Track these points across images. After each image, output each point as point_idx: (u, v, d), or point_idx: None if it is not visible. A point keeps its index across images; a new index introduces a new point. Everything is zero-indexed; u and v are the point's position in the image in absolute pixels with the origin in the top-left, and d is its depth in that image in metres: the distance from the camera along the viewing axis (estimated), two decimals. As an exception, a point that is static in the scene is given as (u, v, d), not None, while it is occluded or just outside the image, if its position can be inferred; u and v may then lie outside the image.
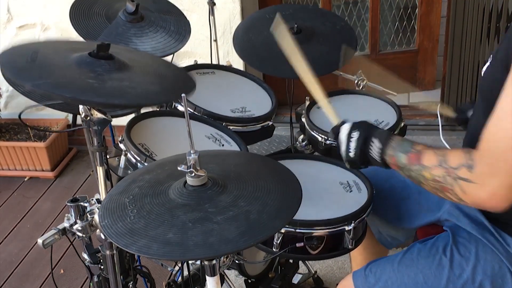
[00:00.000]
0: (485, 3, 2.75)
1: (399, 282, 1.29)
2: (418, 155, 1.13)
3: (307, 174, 1.53)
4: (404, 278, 1.29)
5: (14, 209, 2.96)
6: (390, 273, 1.32)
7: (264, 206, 1.01)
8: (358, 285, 1.33)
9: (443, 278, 1.27)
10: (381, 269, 1.33)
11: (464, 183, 1.03)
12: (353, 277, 1.36)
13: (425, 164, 1.10)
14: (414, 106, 2.06)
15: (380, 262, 1.36)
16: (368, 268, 1.35)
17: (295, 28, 1.72)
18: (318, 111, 1.78)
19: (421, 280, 1.28)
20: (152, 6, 1.78)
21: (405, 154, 1.15)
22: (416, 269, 1.30)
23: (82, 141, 3.31)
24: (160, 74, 1.31)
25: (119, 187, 1.11)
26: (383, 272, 1.32)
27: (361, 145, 1.23)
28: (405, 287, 1.28)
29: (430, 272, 1.28)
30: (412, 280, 1.28)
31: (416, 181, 1.13)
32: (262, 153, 2.90)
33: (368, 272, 1.34)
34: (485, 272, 1.25)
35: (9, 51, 1.19)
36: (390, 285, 1.30)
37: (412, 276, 1.29)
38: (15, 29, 3.17)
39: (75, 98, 1.09)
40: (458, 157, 1.05)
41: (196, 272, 1.66)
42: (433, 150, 1.11)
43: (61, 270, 2.48)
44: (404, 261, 1.32)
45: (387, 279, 1.31)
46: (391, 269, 1.32)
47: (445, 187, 1.07)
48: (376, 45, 3.35)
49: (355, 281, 1.34)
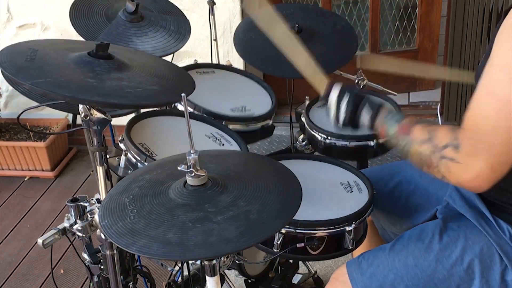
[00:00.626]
0: (485, 3, 2.75)
1: (391, 266, 1.31)
2: (408, 127, 1.15)
3: (307, 174, 1.53)
4: (395, 262, 1.31)
5: (14, 209, 2.96)
6: (381, 258, 1.33)
7: (264, 206, 1.01)
8: (351, 271, 1.35)
9: (433, 259, 1.28)
10: (374, 255, 1.35)
11: (450, 162, 1.05)
12: (347, 265, 1.37)
13: (414, 138, 1.13)
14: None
15: (373, 250, 1.38)
16: (362, 256, 1.37)
17: (296, 28, 1.72)
18: (318, 111, 1.78)
19: (411, 263, 1.29)
20: (152, 5, 1.78)
21: (396, 124, 1.18)
22: (406, 252, 1.31)
23: (82, 141, 3.31)
24: (159, 74, 1.31)
25: (119, 187, 1.11)
26: (375, 257, 1.34)
27: (352, 108, 1.25)
28: (396, 271, 1.30)
29: (420, 254, 1.30)
30: (403, 263, 1.30)
31: (403, 152, 1.16)
32: (262, 153, 2.90)
33: (361, 259, 1.36)
34: (473, 252, 1.26)
35: (8, 50, 1.19)
36: (382, 268, 1.31)
37: (402, 260, 1.31)
38: (15, 29, 3.17)
39: (74, 97, 1.09)
40: (445, 135, 1.07)
41: (196, 272, 1.65)
42: (423, 125, 1.13)
43: (61, 270, 2.47)
44: (395, 247, 1.34)
45: (379, 264, 1.32)
46: (382, 255, 1.34)
47: (430, 164, 1.09)
48: (376, 45, 3.35)
49: (348, 268, 1.36)
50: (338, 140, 1.63)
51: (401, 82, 3.41)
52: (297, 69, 1.46)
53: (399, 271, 1.30)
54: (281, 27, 1.48)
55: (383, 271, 1.31)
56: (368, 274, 1.32)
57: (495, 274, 1.25)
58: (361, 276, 1.32)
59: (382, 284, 1.30)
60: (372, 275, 1.31)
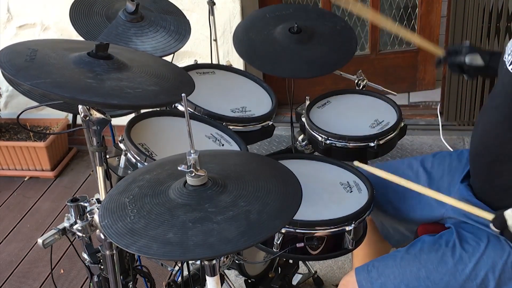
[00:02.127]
0: (485, 3, 2.75)
1: (402, 277, 1.30)
2: None
3: (307, 174, 1.53)
4: (407, 272, 1.30)
5: (14, 209, 2.96)
6: (392, 267, 1.32)
7: (264, 206, 1.01)
8: (360, 279, 1.33)
9: (446, 273, 1.27)
10: (384, 264, 1.34)
11: None
12: (356, 272, 1.36)
13: None
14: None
15: (383, 258, 1.37)
16: (371, 264, 1.36)
17: (295, 28, 1.72)
18: (318, 111, 1.78)
19: (424, 275, 1.28)
20: (152, 5, 1.78)
21: None
22: (418, 264, 1.30)
23: (82, 141, 3.31)
24: (159, 74, 1.31)
25: (119, 187, 1.11)
26: (385, 267, 1.33)
27: None
28: (407, 281, 1.29)
29: (433, 267, 1.29)
30: (414, 275, 1.29)
31: None
32: (262, 153, 2.90)
33: (371, 267, 1.35)
34: (488, 266, 1.25)
35: (8, 50, 1.19)
36: (393, 279, 1.30)
37: (414, 271, 1.29)
38: (15, 29, 3.17)
39: (73, 97, 1.09)
40: None
41: (196, 272, 1.65)
42: None
43: (61, 270, 2.47)
44: (407, 256, 1.33)
45: (390, 274, 1.31)
46: (393, 264, 1.33)
47: None
48: (376, 45, 3.35)
49: (357, 276, 1.34)
50: (339, 141, 1.63)
51: (401, 82, 3.41)
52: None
53: (411, 283, 1.28)
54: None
55: (394, 281, 1.30)
56: (378, 284, 1.31)
57: (510, 284, 1.25)
58: (370, 285, 1.31)
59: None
60: (383, 285, 1.30)
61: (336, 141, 1.63)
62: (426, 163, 1.58)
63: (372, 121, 1.73)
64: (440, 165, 1.56)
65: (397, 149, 2.62)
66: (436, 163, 1.57)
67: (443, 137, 2.94)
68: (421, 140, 3.03)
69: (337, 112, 1.79)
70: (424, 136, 3.05)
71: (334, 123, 1.71)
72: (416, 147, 2.98)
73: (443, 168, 1.54)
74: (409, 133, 2.62)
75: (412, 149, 2.95)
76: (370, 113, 1.78)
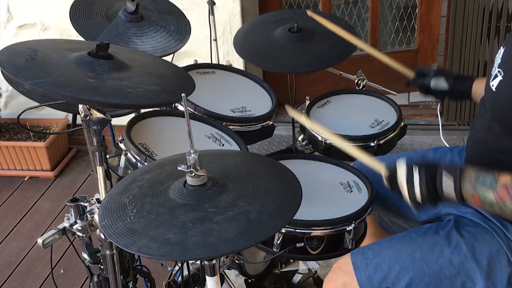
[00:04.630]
0: (485, 3, 2.75)
1: (397, 258, 1.30)
2: (508, 190, 1.11)
3: (307, 174, 1.53)
4: (402, 254, 1.30)
5: (14, 209, 2.96)
6: (388, 249, 1.33)
7: (264, 206, 1.01)
8: (355, 260, 1.33)
9: (440, 255, 1.28)
10: (380, 246, 1.34)
11: None
12: (352, 254, 1.36)
13: None
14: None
15: (379, 242, 1.37)
16: (367, 247, 1.36)
17: (295, 28, 1.72)
18: (318, 111, 1.79)
19: (419, 257, 1.29)
20: (152, 5, 1.78)
21: (492, 191, 1.12)
22: (414, 245, 1.31)
23: (82, 141, 3.31)
24: (160, 74, 1.31)
25: (119, 187, 1.11)
26: (381, 248, 1.33)
27: (428, 184, 1.17)
28: (402, 263, 1.29)
29: (428, 250, 1.29)
30: (410, 256, 1.29)
31: (507, 214, 1.13)
32: (262, 153, 2.90)
33: (366, 249, 1.35)
34: (482, 253, 1.26)
35: (8, 50, 1.19)
36: (388, 260, 1.30)
37: (410, 253, 1.30)
38: (15, 29, 3.17)
39: (74, 97, 1.09)
40: None
41: (196, 272, 1.65)
42: None
43: (61, 270, 2.47)
44: (403, 240, 1.34)
45: (385, 255, 1.32)
46: (389, 246, 1.33)
47: None
48: (376, 45, 3.35)
49: (353, 257, 1.34)
50: (339, 141, 1.63)
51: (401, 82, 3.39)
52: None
53: (405, 264, 1.29)
54: None
55: (388, 262, 1.30)
56: (374, 265, 1.31)
57: (502, 276, 1.25)
58: (365, 266, 1.31)
59: (387, 275, 1.29)
60: (377, 265, 1.30)
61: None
62: (427, 157, 1.58)
63: (372, 121, 1.73)
64: (441, 160, 1.56)
65: (397, 149, 2.62)
66: (437, 158, 1.58)
67: (443, 137, 2.93)
68: (421, 140, 3.04)
69: (337, 112, 1.79)
70: (424, 136, 3.05)
71: (334, 123, 1.71)
72: (416, 147, 2.98)
73: (445, 163, 1.54)
74: (409, 133, 2.63)
75: (412, 149, 2.95)
76: (370, 113, 1.78)
